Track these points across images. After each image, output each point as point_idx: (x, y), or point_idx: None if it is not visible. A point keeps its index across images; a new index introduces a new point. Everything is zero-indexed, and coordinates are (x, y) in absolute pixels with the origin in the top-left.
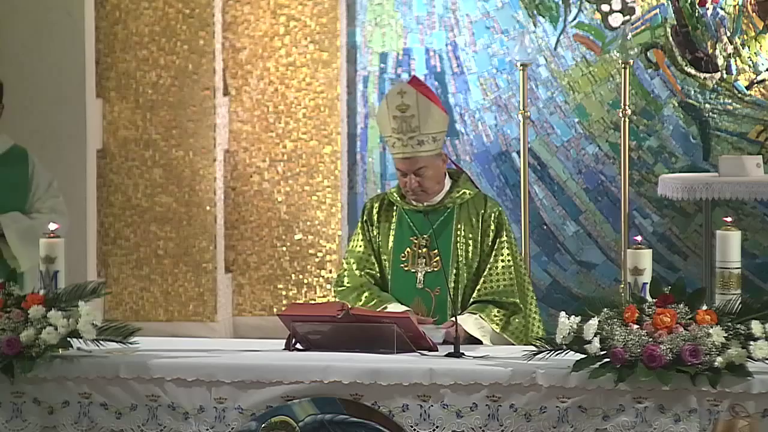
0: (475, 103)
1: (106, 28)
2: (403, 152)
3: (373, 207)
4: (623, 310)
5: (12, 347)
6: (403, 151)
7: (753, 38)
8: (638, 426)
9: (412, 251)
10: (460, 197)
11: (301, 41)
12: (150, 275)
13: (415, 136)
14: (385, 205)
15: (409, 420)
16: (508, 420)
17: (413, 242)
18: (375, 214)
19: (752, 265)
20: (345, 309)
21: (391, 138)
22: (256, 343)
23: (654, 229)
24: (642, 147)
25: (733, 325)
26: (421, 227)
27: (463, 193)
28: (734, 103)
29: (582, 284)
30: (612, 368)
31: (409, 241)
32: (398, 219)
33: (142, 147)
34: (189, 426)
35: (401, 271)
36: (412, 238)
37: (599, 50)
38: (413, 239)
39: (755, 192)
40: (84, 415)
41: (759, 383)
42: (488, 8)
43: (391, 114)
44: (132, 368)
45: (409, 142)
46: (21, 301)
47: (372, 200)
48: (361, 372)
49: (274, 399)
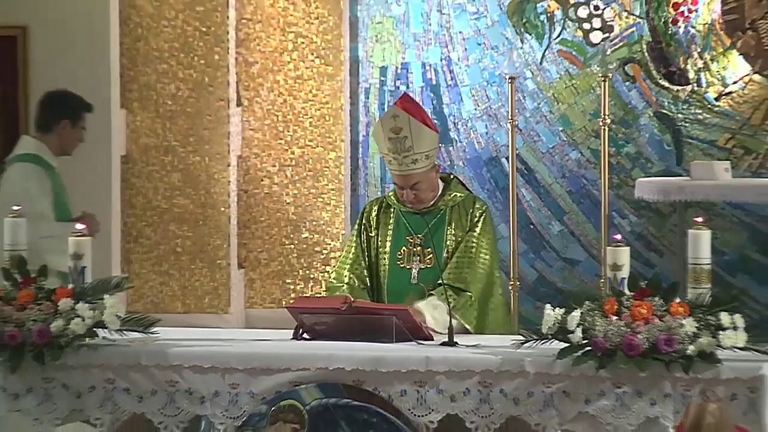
0: (468, 112)
1: (129, 44)
2: (399, 170)
3: (372, 209)
4: (604, 303)
5: (43, 336)
6: (399, 169)
7: (721, 54)
8: (617, 409)
9: (408, 250)
10: (452, 200)
11: (307, 56)
12: (169, 271)
13: (409, 155)
14: (384, 208)
15: (407, 404)
16: (498, 404)
17: (409, 241)
18: (374, 216)
19: (721, 261)
20: (348, 302)
21: (387, 156)
22: (267, 333)
23: (632, 228)
24: (620, 153)
25: (704, 316)
26: (416, 227)
27: (454, 196)
28: (704, 114)
29: (566, 279)
30: (593, 356)
31: (405, 240)
32: (395, 220)
33: (162, 153)
34: (205, 409)
35: (397, 267)
36: (407, 237)
37: (581, 64)
38: (409, 239)
39: (724, 194)
40: (108, 399)
41: (727, 369)
42: (479, 26)
43: (386, 136)
44: (152, 356)
45: (404, 161)
46: (51, 295)
47: (371, 203)
48: (362, 360)
49: (283, 384)
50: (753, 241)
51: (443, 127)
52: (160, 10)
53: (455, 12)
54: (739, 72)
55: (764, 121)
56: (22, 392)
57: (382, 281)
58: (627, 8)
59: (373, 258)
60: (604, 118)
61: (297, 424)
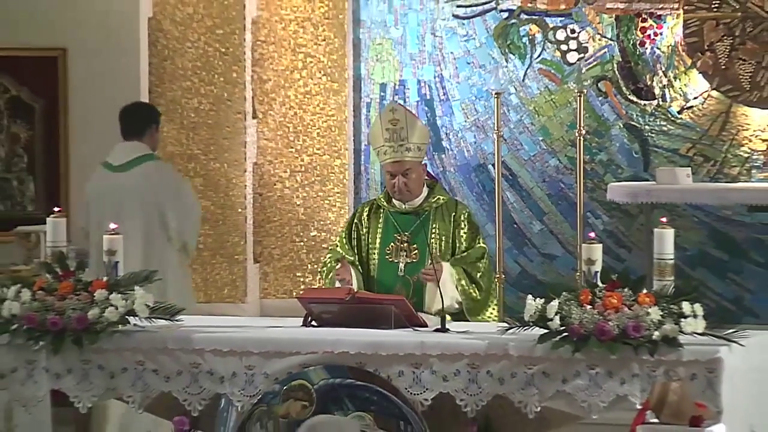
0: (458, 124)
1: (156, 64)
2: (393, 157)
3: (363, 211)
4: (579, 294)
5: (81, 323)
6: (393, 156)
7: (683, 72)
8: (591, 388)
9: (396, 245)
10: (435, 202)
11: (315, 74)
12: (192, 265)
13: (403, 144)
14: (374, 209)
15: (404, 383)
16: (485, 384)
17: (396, 238)
18: (365, 217)
19: (683, 257)
20: (351, 293)
21: (383, 147)
22: (279, 321)
23: (604, 227)
24: (594, 160)
25: (668, 305)
26: (403, 226)
27: (437, 199)
28: (668, 125)
29: (545, 272)
30: (570, 341)
31: (393, 237)
32: (384, 219)
33: (186, 160)
34: (224, 388)
35: (386, 261)
36: (395, 234)
37: (559, 81)
38: (396, 236)
39: (686, 197)
40: (139, 379)
41: (688, 352)
42: (469, 47)
43: (384, 127)
44: (177, 341)
45: (398, 149)
46: (88, 286)
47: (363, 205)
48: (364, 344)
49: (294, 366)
50: (711, 238)
51: (436, 137)
52: (184, 34)
53: (447, 34)
54: (699, 88)
55: (721, 132)
56: (63, 372)
57: (372, 274)
58: (600, 32)
59: (363, 254)
60: (580, 129)
61: (306, 401)
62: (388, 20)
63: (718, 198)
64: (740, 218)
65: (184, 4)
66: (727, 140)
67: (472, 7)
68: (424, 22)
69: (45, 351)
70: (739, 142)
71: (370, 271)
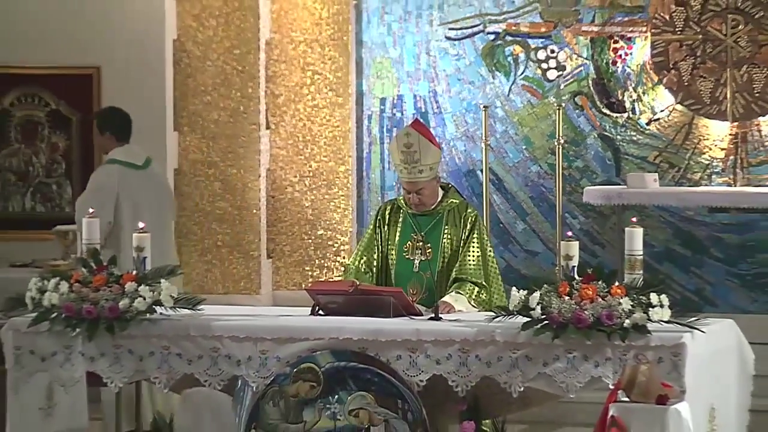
0: (450, 134)
1: (180, 80)
2: (408, 178)
3: (386, 208)
4: (558, 286)
5: (113, 312)
6: (408, 177)
7: (651, 88)
8: (569, 370)
9: (412, 244)
10: (448, 205)
11: (322, 89)
12: (212, 260)
13: (416, 166)
14: (395, 209)
15: (401, 366)
16: (474, 366)
17: (413, 237)
18: (387, 214)
19: (651, 252)
20: (355, 286)
21: (399, 166)
22: (290, 310)
23: (580, 226)
24: (571, 167)
25: (637, 296)
26: (419, 226)
27: (450, 202)
28: (638, 135)
29: (528, 267)
30: (550, 328)
31: (410, 236)
32: (403, 219)
33: (207, 167)
34: (240, 371)
35: (403, 258)
36: (412, 234)
37: (540, 96)
38: (413, 235)
39: (653, 199)
40: (164, 362)
41: (656, 338)
42: (459, 65)
43: (399, 149)
44: (199, 328)
45: (412, 170)
46: (119, 279)
47: (386, 204)
48: (366, 331)
49: (303, 351)
50: (676, 236)
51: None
52: (205, 54)
53: (440, 54)
54: (664, 103)
55: (684, 142)
56: (96, 356)
57: (391, 267)
58: (576, 52)
59: (384, 248)
60: (559, 138)
61: (314, 382)
62: (387, 41)
63: (682, 200)
64: (701, 218)
65: (205, 27)
66: (689, 149)
67: (462, 29)
68: (420, 43)
69: (81, 337)
70: (700, 151)
71: (389, 264)
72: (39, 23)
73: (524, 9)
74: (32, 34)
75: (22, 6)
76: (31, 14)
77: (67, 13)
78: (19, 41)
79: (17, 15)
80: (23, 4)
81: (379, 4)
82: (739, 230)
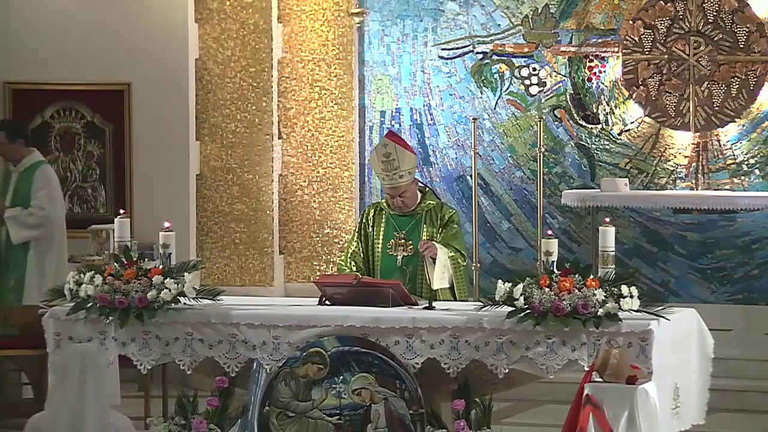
0: (442, 143)
1: (202, 95)
2: (390, 184)
3: (369, 212)
4: (539, 279)
5: (142, 302)
6: (390, 183)
7: (622, 102)
8: (548, 354)
9: (395, 241)
10: (426, 206)
11: (328, 103)
12: (230, 256)
13: (396, 173)
14: (378, 211)
15: (399, 350)
16: (464, 350)
17: (395, 235)
18: (371, 217)
19: (622, 249)
20: (358, 278)
21: (380, 174)
22: (300, 300)
23: (559, 226)
24: (551, 172)
25: (610, 288)
26: (401, 225)
27: (428, 203)
28: (610, 144)
29: (513, 262)
30: (532, 316)
31: (393, 234)
32: (386, 220)
33: (225, 172)
34: (256, 354)
35: (387, 254)
36: (395, 232)
37: (523, 109)
38: (396, 233)
39: (624, 202)
40: (188, 346)
41: (626, 326)
42: (451, 82)
43: (379, 159)
44: (219, 316)
45: (393, 177)
46: (147, 273)
47: (369, 207)
48: (368, 319)
49: (311, 337)
50: (644, 234)
51: (425, 154)
52: (224, 71)
53: (434, 72)
54: (634, 115)
55: (652, 150)
56: (127, 341)
57: (376, 264)
58: (555, 70)
59: (370, 247)
60: (540, 147)
61: (321, 364)
62: (386, 60)
63: (650, 202)
64: (667, 218)
65: (224, 48)
66: (656, 156)
67: (453, 50)
68: (416, 61)
69: (113, 324)
70: (666, 158)
71: (374, 261)
72: (76, 45)
73: (509, 31)
74: (70, 54)
75: (61, 30)
76: (68, 37)
77: (102, 36)
78: (58, 61)
79: (57, 38)
80: (62, 28)
81: (379, 27)
82: (701, 229)
